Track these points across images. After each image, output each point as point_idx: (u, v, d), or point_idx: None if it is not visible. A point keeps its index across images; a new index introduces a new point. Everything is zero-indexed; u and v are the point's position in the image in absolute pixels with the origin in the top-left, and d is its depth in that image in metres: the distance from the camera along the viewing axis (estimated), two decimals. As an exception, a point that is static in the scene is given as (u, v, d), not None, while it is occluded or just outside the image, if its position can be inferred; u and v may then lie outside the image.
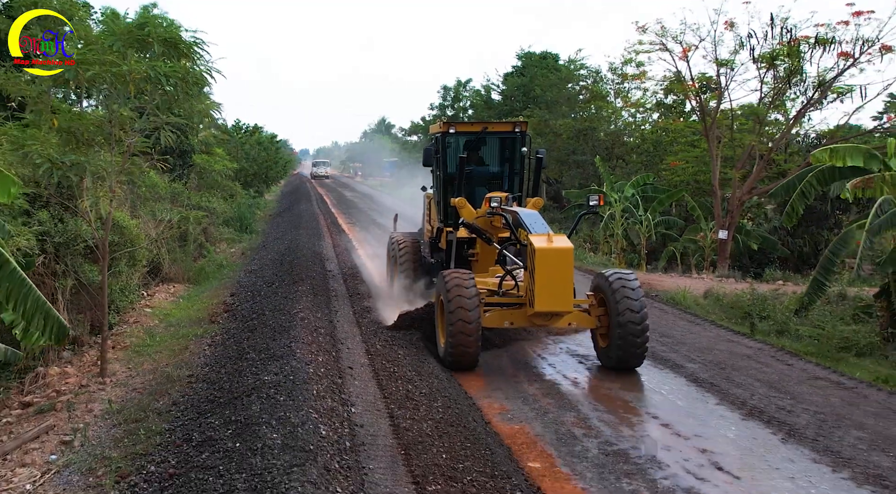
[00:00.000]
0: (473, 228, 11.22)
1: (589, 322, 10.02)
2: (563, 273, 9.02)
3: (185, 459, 6.49)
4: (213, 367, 9.74)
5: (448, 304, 9.25)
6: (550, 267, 8.94)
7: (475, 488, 5.66)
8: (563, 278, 9.02)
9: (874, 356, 11.62)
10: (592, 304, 10.09)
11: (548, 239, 9.10)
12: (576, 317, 9.86)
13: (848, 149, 13.06)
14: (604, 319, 9.88)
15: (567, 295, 9.10)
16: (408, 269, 12.66)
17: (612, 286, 9.64)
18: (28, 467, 7.82)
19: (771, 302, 14.36)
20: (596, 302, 10.07)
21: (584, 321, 10.03)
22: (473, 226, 11.21)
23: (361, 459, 5.95)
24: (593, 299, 10.13)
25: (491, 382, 9.27)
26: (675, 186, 23.80)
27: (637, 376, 9.68)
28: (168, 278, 18.37)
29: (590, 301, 10.14)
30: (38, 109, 10.97)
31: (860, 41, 17.96)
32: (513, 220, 10.34)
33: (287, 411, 6.53)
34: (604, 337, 9.99)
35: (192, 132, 25.85)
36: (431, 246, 12.82)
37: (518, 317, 9.71)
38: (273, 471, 5.28)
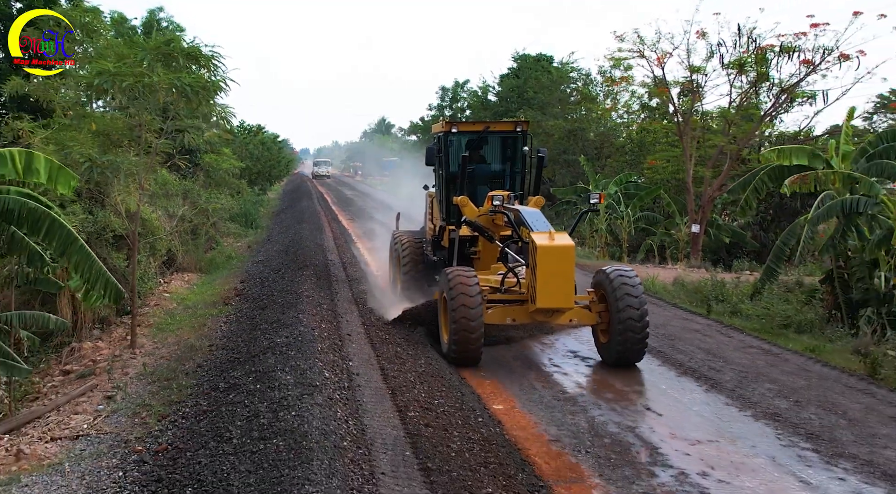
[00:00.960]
0: (476, 226, 11.29)
1: (590, 319, 10.06)
2: (564, 270, 9.09)
3: (214, 400, 8.04)
4: (231, 337, 11.29)
5: (451, 301, 9.33)
6: (552, 264, 9.01)
7: (446, 416, 7.22)
8: (564, 275, 9.10)
9: (813, 333, 13.11)
10: (593, 300, 10.13)
11: (549, 237, 9.20)
12: (577, 313, 9.90)
13: (794, 149, 14.59)
14: (604, 315, 9.92)
15: (568, 292, 9.19)
16: (410, 267, 12.79)
17: (613, 283, 9.69)
18: (80, 414, 9.38)
19: (729, 288, 15.90)
20: (597, 299, 10.12)
21: (585, 318, 10.05)
22: (476, 224, 11.28)
23: (357, 394, 7.51)
24: (594, 295, 10.18)
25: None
26: (656, 184, 25.33)
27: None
28: (182, 268, 19.92)
29: (590, 298, 10.19)
30: (79, 115, 12.44)
31: (821, 50, 19.51)
32: (515, 218, 10.39)
33: (297, 361, 8.08)
34: (604, 333, 10.04)
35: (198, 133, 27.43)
36: (434, 244, 12.86)
37: (520, 314, 9.80)
38: (289, 399, 6.83)
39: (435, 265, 12.38)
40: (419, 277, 12.63)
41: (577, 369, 9.94)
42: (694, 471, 6.55)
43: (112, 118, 12.39)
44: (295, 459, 5.42)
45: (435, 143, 12.42)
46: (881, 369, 10.13)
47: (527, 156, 11.88)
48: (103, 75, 10.84)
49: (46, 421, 9.40)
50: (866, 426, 7.74)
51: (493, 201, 10.51)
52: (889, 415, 8.13)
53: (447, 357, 9.71)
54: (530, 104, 40.93)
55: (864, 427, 7.71)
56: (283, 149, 57.24)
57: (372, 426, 6.67)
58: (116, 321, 14.92)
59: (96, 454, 7.42)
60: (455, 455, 6.17)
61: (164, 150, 12.98)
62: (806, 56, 19.69)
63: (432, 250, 12.86)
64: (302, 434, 5.88)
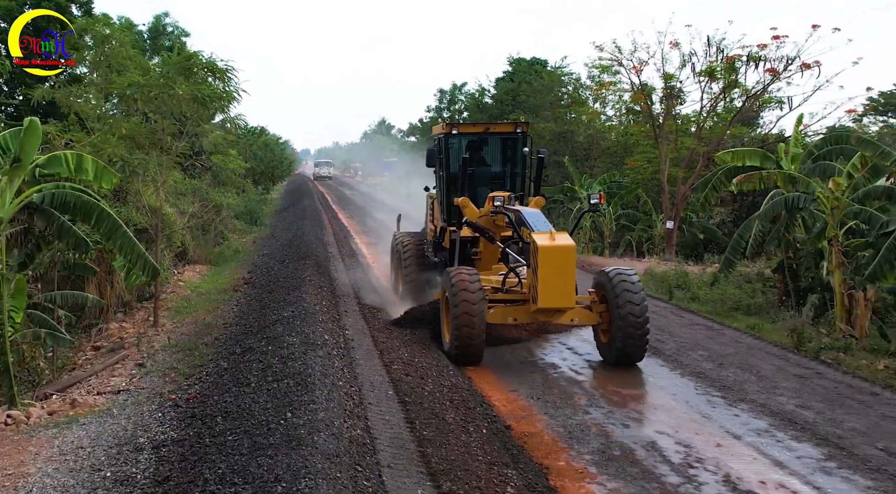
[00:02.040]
0: (477, 227, 11.35)
1: (591, 318, 10.11)
2: (565, 270, 9.13)
3: (233, 361, 9.67)
4: (243, 316, 12.92)
5: (453, 300, 9.39)
6: (553, 264, 9.05)
7: (424, 369, 8.85)
8: (565, 275, 9.14)
9: (761, 315, 14.74)
10: (594, 300, 10.20)
11: (550, 237, 9.22)
12: (578, 313, 9.94)
13: (747, 151, 16.22)
14: (605, 315, 9.99)
15: (569, 291, 9.24)
16: (412, 268, 12.91)
17: (614, 284, 9.76)
18: (118, 377, 10.99)
19: (692, 278, 17.54)
20: (597, 299, 10.18)
21: (586, 318, 10.09)
22: (477, 225, 11.33)
23: (351, 353, 9.15)
24: (595, 295, 10.25)
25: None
26: (637, 183, 26.95)
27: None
28: (193, 261, 21.56)
29: (591, 298, 10.26)
30: (108, 121, 14.07)
31: (784, 59, 21.12)
32: (516, 218, 10.41)
33: (302, 328, 9.71)
34: (605, 333, 10.14)
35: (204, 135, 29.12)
36: (435, 245, 12.87)
37: (521, 313, 9.86)
38: (295, 354, 8.46)
39: (436, 266, 12.41)
40: (421, 278, 12.79)
41: (541, 342, 11.55)
42: (620, 410, 8.18)
43: (137, 124, 13.99)
44: (302, 390, 7.04)
45: (435, 144, 12.54)
46: (806, 343, 11.79)
47: (527, 157, 11.95)
48: (133, 86, 12.45)
49: (88, 383, 11.01)
50: (771, 382, 9.36)
51: (494, 201, 10.49)
52: (794, 374, 9.76)
53: (449, 356, 9.77)
54: (522, 107, 42.56)
55: (769, 382, 9.33)
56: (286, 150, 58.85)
57: (363, 373, 8.32)
58: (137, 305, 16.56)
59: (137, 402, 9.04)
60: (428, 394, 7.81)
61: (182, 151, 14.61)
62: (771, 65, 21.29)
63: (433, 252, 12.89)
64: (307, 375, 7.51)
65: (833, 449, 7.04)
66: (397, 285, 13.78)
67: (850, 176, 13.76)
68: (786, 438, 7.36)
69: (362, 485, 5.21)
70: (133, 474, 6.63)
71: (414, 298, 12.56)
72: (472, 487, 5.48)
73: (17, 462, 7.32)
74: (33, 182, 9.89)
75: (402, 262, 13.21)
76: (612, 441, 7.26)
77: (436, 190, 13.10)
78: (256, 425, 6.47)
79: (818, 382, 9.41)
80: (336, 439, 5.83)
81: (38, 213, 10.01)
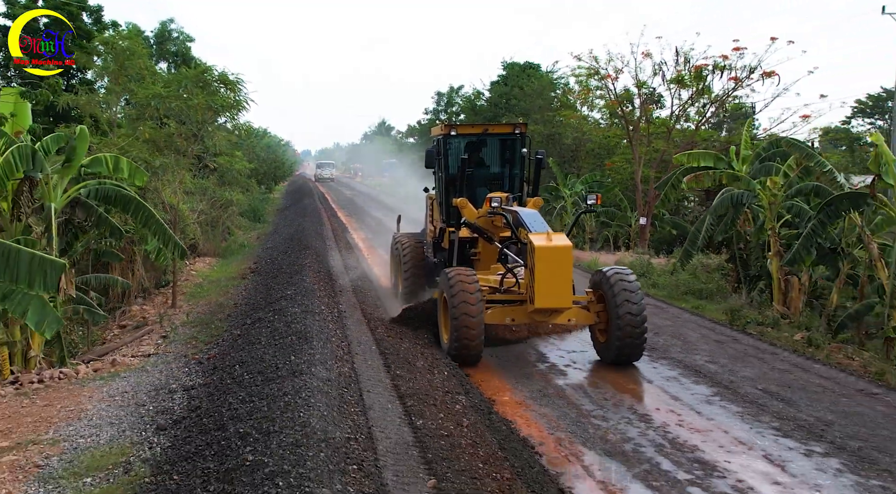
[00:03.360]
0: (475, 227, 11.41)
1: (588, 319, 10.16)
2: (562, 270, 9.16)
3: (245, 329, 11.54)
4: (251, 297, 14.79)
5: (452, 301, 9.44)
6: (550, 265, 9.07)
7: (403, 332, 10.74)
8: (562, 276, 9.17)
9: (712, 299, 16.60)
10: (591, 301, 10.24)
11: (547, 237, 9.25)
12: (575, 313, 10.01)
13: (701, 153, 18.09)
14: (602, 315, 10.03)
15: (566, 292, 9.29)
16: (411, 268, 13.04)
17: (611, 284, 9.79)
18: (146, 346, 12.86)
19: (657, 268, 19.42)
20: (595, 299, 10.22)
21: (583, 318, 10.16)
22: (475, 226, 11.40)
23: (343, 320, 11.03)
24: (592, 295, 10.29)
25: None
26: (616, 183, 28.83)
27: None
28: (202, 254, 23.44)
29: (589, 298, 10.31)
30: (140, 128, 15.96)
31: (746, 68, 23.00)
32: (513, 219, 10.45)
33: (303, 301, 11.60)
34: (602, 333, 10.20)
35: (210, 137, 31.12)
36: (434, 246, 12.93)
37: (519, 314, 9.91)
38: (297, 319, 10.35)
39: (436, 267, 12.54)
40: (420, 278, 12.99)
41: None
42: (562, 364, 10.07)
43: (157, 129, 15.89)
44: (302, 342, 8.93)
45: (435, 145, 12.58)
46: (739, 320, 13.66)
47: (525, 158, 12.05)
48: (156, 98, 14.34)
49: (120, 352, 12.88)
50: (693, 346, 11.24)
51: (492, 202, 10.57)
52: (715, 340, 11.64)
53: (449, 354, 9.79)
54: (513, 110, 44.42)
55: (691, 346, 11.21)
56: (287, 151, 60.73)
57: (351, 334, 10.21)
58: (155, 291, 18.46)
59: (166, 362, 10.92)
60: (404, 349, 9.70)
61: (197, 153, 16.52)
62: (734, 74, 23.17)
63: (433, 252, 12.97)
64: (306, 332, 9.39)
65: (721, 389, 8.92)
66: (397, 286, 13.92)
67: (785, 175, 15.66)
68: (688, 382, 9.24)
69: (347, 399, 7.08)
70: (170, 407, 8.51)
71: (413, 298, 12.71)
72: (430, 404, 7.36)
73: (75, 402, 9.20)
74: (77, 180, 11.78)
75: (402, 263, 13.33)
76: (549, 384, 9.14)
77: (435, 191, 13.17)
78: (267, 366, 8.36)
79: (733, 346, 11.29)
80: (328, 371, 7.72)
81: (79, 206, 11.91)
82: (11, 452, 7.58)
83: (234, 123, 16.50)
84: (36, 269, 6.70)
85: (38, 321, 7.88)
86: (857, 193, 12.70)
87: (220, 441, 6.42)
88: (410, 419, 6.78)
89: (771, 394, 8.74)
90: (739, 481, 6.34)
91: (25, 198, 11.27)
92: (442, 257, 12.43)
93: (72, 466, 7.04)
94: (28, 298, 7.77)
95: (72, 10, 26.70)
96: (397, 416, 6.87)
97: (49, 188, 10.96)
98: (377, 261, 18.57)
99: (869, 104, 55.16)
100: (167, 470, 6.42)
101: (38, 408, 9.02)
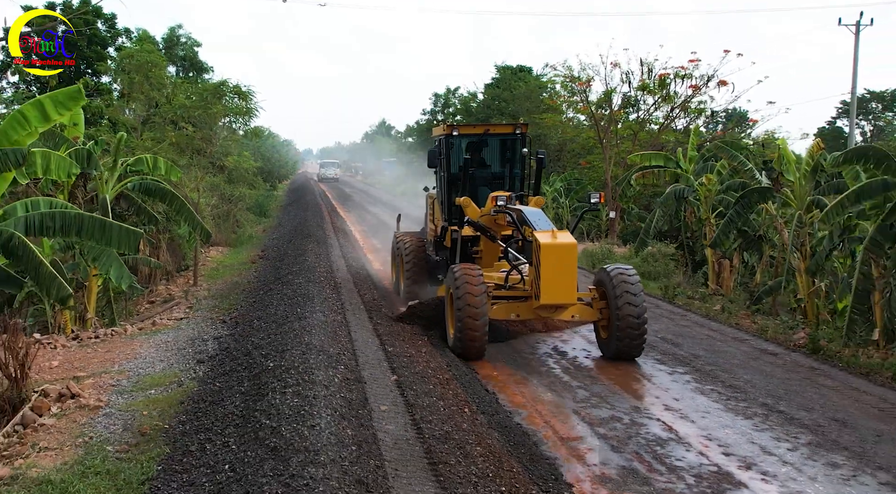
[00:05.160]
0: (478, 226, 11.58)
1: (591, 315, 10.36)
2: (566, 267, 9.36)
3: (259, 297, 14.21)
4: (261, 276, 17.47)
5: (457, 296, 9.66)
6: (555, 261, 9.25)
7: (389, 298, 13.42)
8: (566, 272, 9.36)
9: (658, 280, 19.22)
10: (594, 297, 10.43)
11: (552, 235, 9.44)
12: (579, 309, 10.19)
13: (653, 154, 20.71)
14: (605, 312, 10.23)
15: (571, 288, 9.47)
16: (413, 267, 13.31)
17: (613, 281, 10.02)
18: (176, 314, 15.52)
19: (618, 255, 22.09)
20: (598, 296, 10.42)
21: (586, 314, 10.34)
22: (478, 224, 11.57)
23: (338, 289, 13.71)
24: (595, 292, 10.51)
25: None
26: (591, 180, 31.52)
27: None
28: (215, 243, 26.10)
29: (592, 295, 10.51)
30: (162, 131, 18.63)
31: (704, 77, 25.66)
32: (518, 217, 10.59)
33: (306, 275, 14.27)
34: (604, 329, 10.40)
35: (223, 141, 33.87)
36: (436, 245, 13.13)
37: (524, 309, 10.12)
38: (301, 287, 13.03)
39: (437, 265, 12.83)
40: (422, 276, 13.26)
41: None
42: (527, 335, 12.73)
43: (180, 133, 18.57)
44: (306, 301, 11.59)
45: (437, 145, 12.81)
46: (671, 293, 16.29)
47: (526, 157, 12.28)
48: (182, 108, 17.01)
49: (155, 318, 15.54)
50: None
51: (497, 201, 10.83)
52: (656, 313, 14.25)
53: (453, 350, 10.07)
54: (504, 113, 47.04)
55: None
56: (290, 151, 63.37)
57: (345, 297, 12.89)
58: (177, 274, 21.14)
59: (196, 323, 13.56)
60: (385, 308, 12.36)
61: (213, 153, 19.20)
62: (694, 82, 25.83)
63: (434, 251, 13.22)
64: (309, 294, 12.06)
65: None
66: (398, 284, 14.21)
67: (719, 173, 18.29)
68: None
69: (339, 333, 9.74)
70: (205, 349, 11.15)
71: (415, 297, 12.97)
72: (399, 340, 10.01)
73: (130, 349, 11.85)
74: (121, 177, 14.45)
75: (403, 261, 13.61)
76: (500, 331, 11.79)
77: (436, 190, 13.45)
78: (279, 318, 11.04)
79: (655, 311, 13.90)
80: (325, 317, 10.39)
81: (122, 197, 14.57)
82: (90, 378, 10.24)
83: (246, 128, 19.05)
84: (123, 236, 9.25)
85: (117, 276, 10.52)
86: (764, 188, 15.29)
87: (248, 360, 9.08)
88: (384, 347, 9.45)
89: (665, 340, 11.39)
90: (611, 382, 9.02)
91: (80, 191, 13.96)
92: (443, 256, 12.63)
93: (138, 384, 9.69)
94: (112, 258, 10.42)
95: (88, 18, 29.28)
96: (374, 345, 9.54)
97: (101, 183, 13.62)
98: (370, 248, 21.24)
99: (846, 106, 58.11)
100: (210, 382, 9.07)
101: (100, 353, 11.68)
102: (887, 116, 66.25)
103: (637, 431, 7.43)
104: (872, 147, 11.78)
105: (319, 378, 7.25)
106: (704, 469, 6.48)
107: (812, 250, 14.51)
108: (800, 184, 14.63)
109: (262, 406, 6.83)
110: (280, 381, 7.49)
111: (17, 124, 8.08)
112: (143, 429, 7.77)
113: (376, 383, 7.91)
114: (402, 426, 6.62)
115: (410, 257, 13.38)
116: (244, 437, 6.25)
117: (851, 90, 29.87)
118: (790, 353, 10.78)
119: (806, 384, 9.08)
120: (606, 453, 6.78)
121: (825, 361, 10.46)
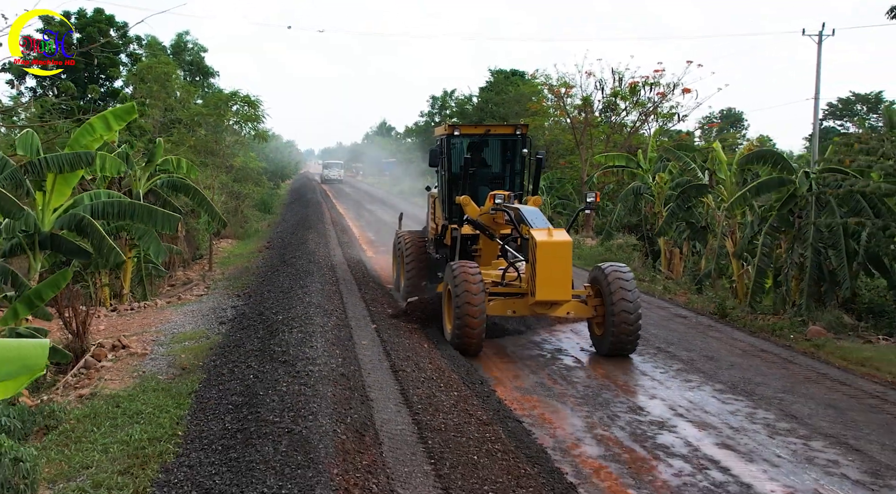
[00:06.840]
0: (477, 224, 11.70)
1: (586, 312, 10.48)
2: (562, 265, 9.51)
3: (267, 276, 16.75)
4: (268, 262, 20.02)
5: (455, 292, 9.78)
6: (551, 259, 9.40)
7: (383, 288, 15.99)
8: (562, 270, 9.51)
9: (620, 267, 21.69)
10: (589, 295, 10.54)
11: (548, 233, 9.55)
12: (574, 306, 10.29)
13: (616, 155, 23.24)
14: (600, 309, 10.32)
15: (566, 285, 9.63)
16: (414, 265, 13.56)
17: (609, 279, 10.08)
18: (194, 295, 18.07)
19: (585, 246, 24.64)
20: (593, 293, 10.53)
21: (581, 311, 10.46)
22: (477, 222, 11.69)
23: (334, 268, 16.26)
24: (590, 290, 10.60)
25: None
26: (570, 179, 34.09)
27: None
28: (225, 236, 28.70)
29: (587, 292, 10.61)
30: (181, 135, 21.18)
31: (671, 85, 28.22)
32: (515, 216, 10.67)
33: (308, 257, 16.83)
34: (599, 326, 10.49)
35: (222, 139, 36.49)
36: (436, 243, 13.29)
37: (520, 306, 10.22)
38: (303, 267, 15.61)
39: (437, 263, 13.01)
40: (422, 274, 13.52)
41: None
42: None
43: (198, 137, 21.14)
44: (306, 276, 14.14)
45: (438, 145, 13.02)
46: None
47: (526, 158, 12.48)
48: (198, 115, 19.58)
49: (179, 296, 18.09)
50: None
51: (496, 199, 10.98)
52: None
53: (452, 345, 10.19)
54: (494, 115, 49.57)
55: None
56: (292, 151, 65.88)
57: (339, 275, 15.44)
58: (192, 262, 23.72)
59: (215, 297, 16.10)
60: (372, 282, 14.92)
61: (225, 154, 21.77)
62: (661, 89, 28.39)
63: (435, 249, 13.43)
64: (309, 271, 14.62)
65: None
66: (399, 281, 14.47)
67: (671, 172, 20.83)
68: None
69: (333, 297, 12.30)
70: (225, 315, 13.66)
71: (415, 293, 13.24)
72: (381, 304, 12.55)
73: (163, 316, 14.40)
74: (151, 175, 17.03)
75: (405, 259, 13.89)
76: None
77: (437, 189, 13.64)
78: (285, 288, 13.60)
79: (602, 288, 16.41)
80: (322, 287, 12.95)
81: (151, 192, 17.15)
82: (133, 336, 12.79)
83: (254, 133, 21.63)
84: (165, 219, 11.79)
85: (155, 252, 13.13)
86: (700, 184, 17.81)
87: (262, 318, 11.63)
88: (368, 308, 12.02)
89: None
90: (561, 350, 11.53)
91: (116, 187, 16.54)
92: (443, 254, 12.79)
93: (174, 339, 12.22)
94: (152, 238, 13.03)
95: (101, 26, 31.80)
96: (361, 306, 12.12)
97: (135, 180, 16.21)
98: (366, 240, 23.80)
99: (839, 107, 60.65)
100: (232, 334, 11.59)
101: (138, 320, 14.24)
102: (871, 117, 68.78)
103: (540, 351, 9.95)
104: (770, 151, 14.31)
105: (317, 322, 9.81)
106: (593, 381, 9.05)
107: (742, 237, 17.03)
108: (730, 181, 17.14)
109: (274, 342, 9.37)
110: (287, 326, 10.04)
111: (86, 133, 10.61)
112: (184, 365, 10.32)
113: (360, 328, 10.47)
114: (377, 354, 9.20)
115: (411, 256, 13.69)
116: (262, 359, 8.78)
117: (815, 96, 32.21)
118: (698, 316, 13.31)
119: (696, 335, 11.62)
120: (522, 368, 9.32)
121: (728, 324, 12.96)
